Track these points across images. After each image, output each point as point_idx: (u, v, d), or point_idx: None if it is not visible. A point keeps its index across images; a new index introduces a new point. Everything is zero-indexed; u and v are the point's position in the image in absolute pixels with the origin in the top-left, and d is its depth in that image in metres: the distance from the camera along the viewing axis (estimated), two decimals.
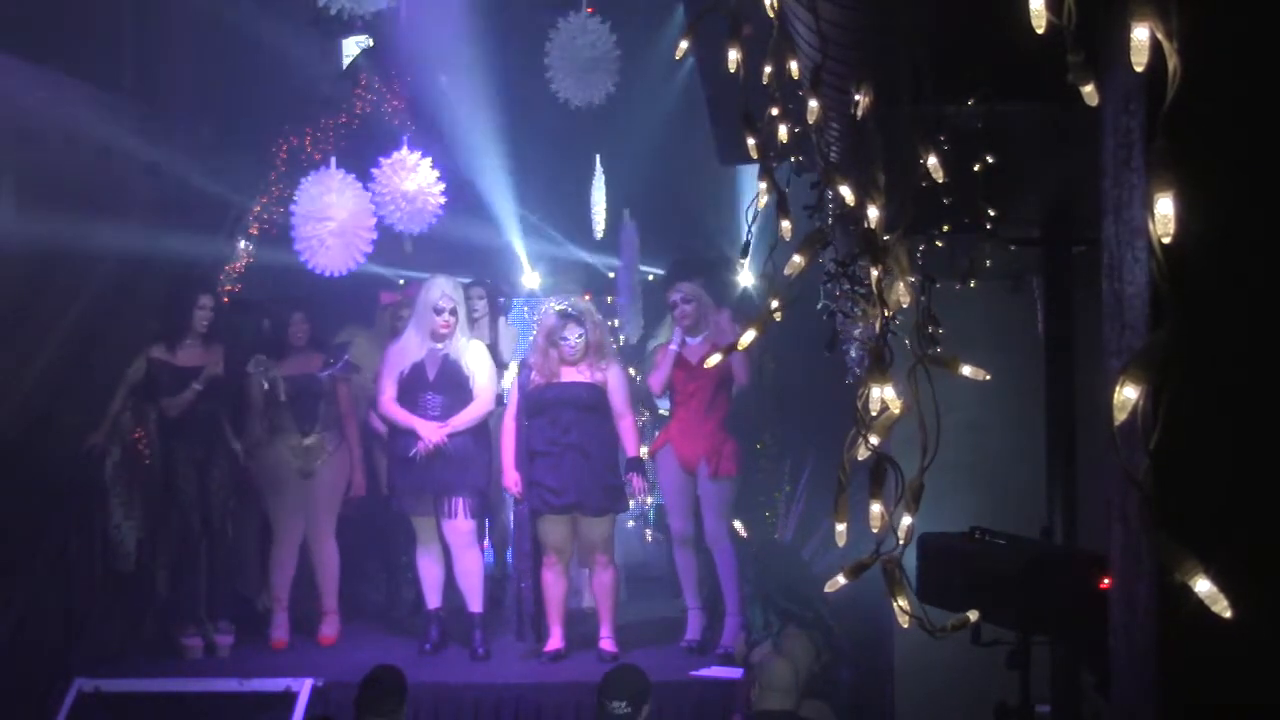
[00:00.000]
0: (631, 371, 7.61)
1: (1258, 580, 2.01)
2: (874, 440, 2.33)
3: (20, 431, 7.29)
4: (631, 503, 7.15)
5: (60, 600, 6.56)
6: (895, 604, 2.35)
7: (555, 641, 6.76)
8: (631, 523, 8.76)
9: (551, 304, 6.91)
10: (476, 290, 7.81)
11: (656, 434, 7.48)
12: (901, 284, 2.42)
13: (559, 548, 6.73)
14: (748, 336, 2.84)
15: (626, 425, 6.71)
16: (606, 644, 6.72)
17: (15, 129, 7.21)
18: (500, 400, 7.15)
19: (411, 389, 6.83)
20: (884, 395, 2.33)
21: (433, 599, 7.04)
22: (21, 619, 6.44)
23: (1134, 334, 2.20)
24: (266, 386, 6.98)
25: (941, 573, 3.49)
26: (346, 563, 7.51)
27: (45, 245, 7.81)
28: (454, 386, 6.82)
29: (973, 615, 2.66)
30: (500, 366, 7.44)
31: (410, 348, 6.89)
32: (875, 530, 2.35)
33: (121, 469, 7.14)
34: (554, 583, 6.77)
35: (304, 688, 6.31)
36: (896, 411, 2.32)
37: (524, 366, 6.91)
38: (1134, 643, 2.29)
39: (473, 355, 6.90)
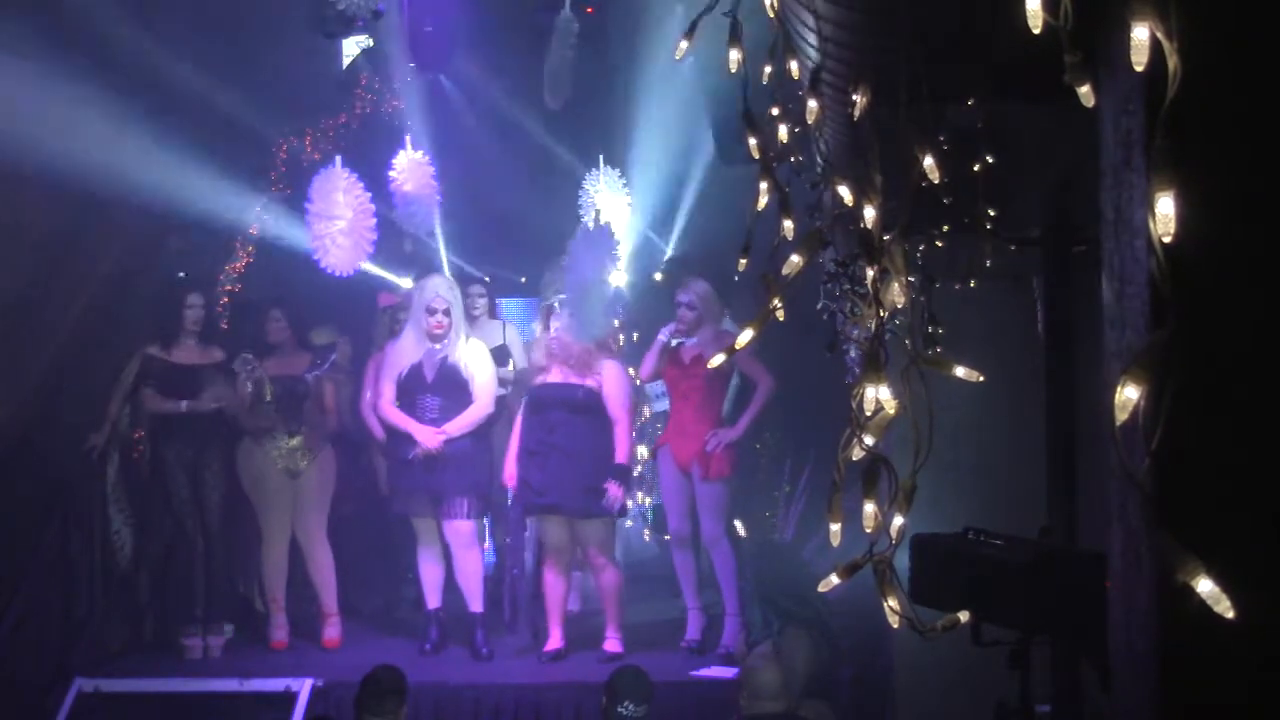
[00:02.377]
0: (631, 372, 7.60)
1: (1259, 580, 2.01)
2: (869, 440, 2.33)
3: (21, 431, 7.29)
4: (630, 504, 7.13)
5: (60, 600, 6.55)
6: (885, 604, 2.35)
7: (554, 641, 6.76)
8: (630, 523, 8.76)
9: (555, 302, 6.88)
10: (476, 288, 7.79)
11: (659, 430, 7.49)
12: (897, 284, 2.42)
13: (557, 548, 6.73)
14: (745, 336, 2.84)
15: (619, 430, 6.64)
16: (611, 644, 6.72)
17: (15, 128, 7.20)
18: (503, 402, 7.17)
19: (409, 391, 6.82)
20: (879, 395, 2.33)
21: (433, 599, 7.03)
22: (21, 619, 6.43)
23: (1134, 334, 2.20)
24: (250, 387, 6.97)
25: (936, 573, 3.48)
26: (346, 563, 7.52)
27: (45, 246, 7.81)
28: (453, 388, 6.79)
29: (963, 616, 2.66)
30: (501, 366, 7.44)
31: (408, 349, 6.87)
32: (868, 530, 2.35)
33: (121, 472, 7.15)
34: (553, 583, 6.77)
35: (304, 688, 6.30)
36: (891, 412, 2.32)
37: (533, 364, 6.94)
38: (1134, 643, 2.29)
39: (473, 357, 6.86)
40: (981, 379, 2.71)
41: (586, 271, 6.40)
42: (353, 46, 9.37)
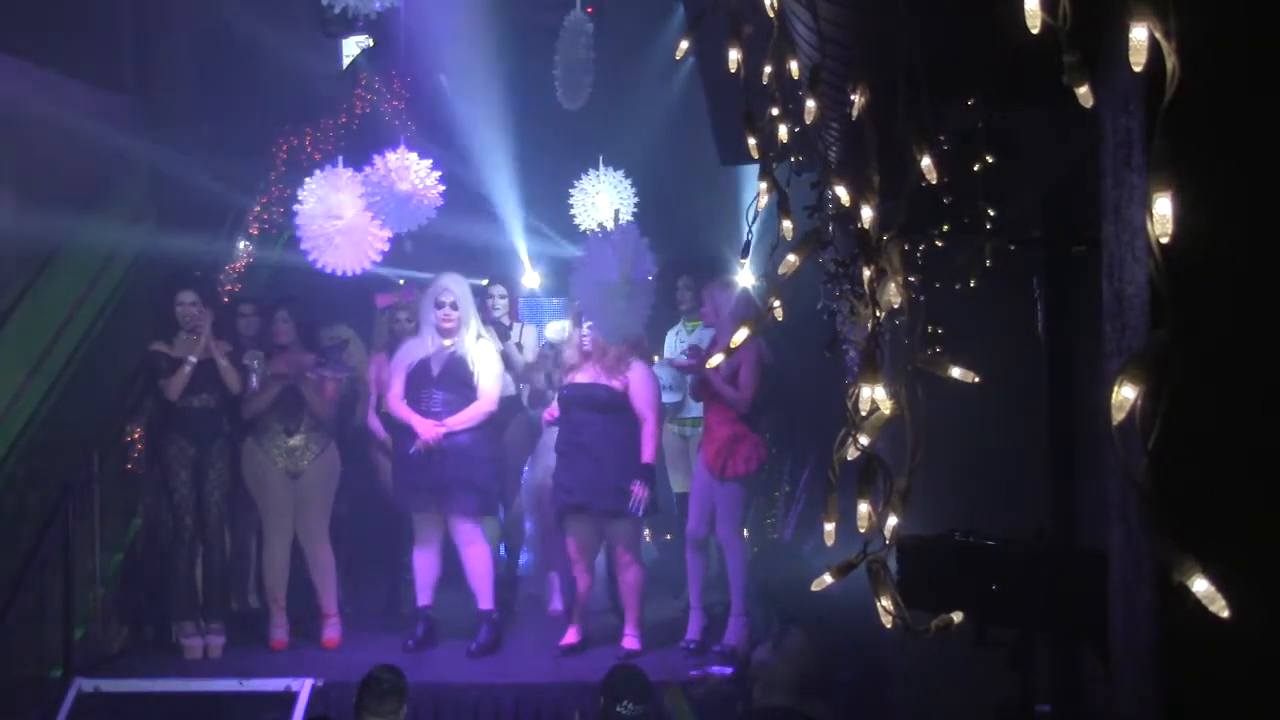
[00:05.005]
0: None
1: (1258, 579, 2.00)
2: (864, 440, 2.33)
3: (22, 431, 7.30)
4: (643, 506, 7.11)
5: (60, 600, 6.55)
6: (879, 604, 2.35)
7: (570, 636, 6.83)
8: None
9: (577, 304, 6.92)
10: (498, 289, 7.82)
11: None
12: (894, 284, 2.42)
13: (582, 545, 6.80)
14: (740, 335, 2.84)
15: (646, 431, 6.67)
16: (630, 641, 6.77)
17: (17, 130, 7.21)
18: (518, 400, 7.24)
19: (416, 385, 6.88)
20: (874, 395, 2.33)
21: (423, 597, 7.05)
22: (22, 619, 6.43)
23: (1134, 334, 2.20)
24: (255, 383, 6.99)
25: (923, 574, 3.48)
26: (346, 563, 7.52)
27: (48, 247, 7.83)
28: (458, 384, 6.84)
29: (956, 616, 2.66)
30: (515, 366, 7.47)
31: (421, 344, 6.96)
32: (862, 530, 2.35)
33: (122, 472, 7.17)
34: (576, 579, 6.85)
35: (304, 688, 6.30)
36: (887, 412, 2.32)
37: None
38: (1134, 643, 2.29)
39: (480, 354, 6.90)
40: (977, 379, 2.70)
41: (606, 273, 6.40)
42: (353, 46, 9.37)
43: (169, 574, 7.07)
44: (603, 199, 8.21)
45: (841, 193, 2.55)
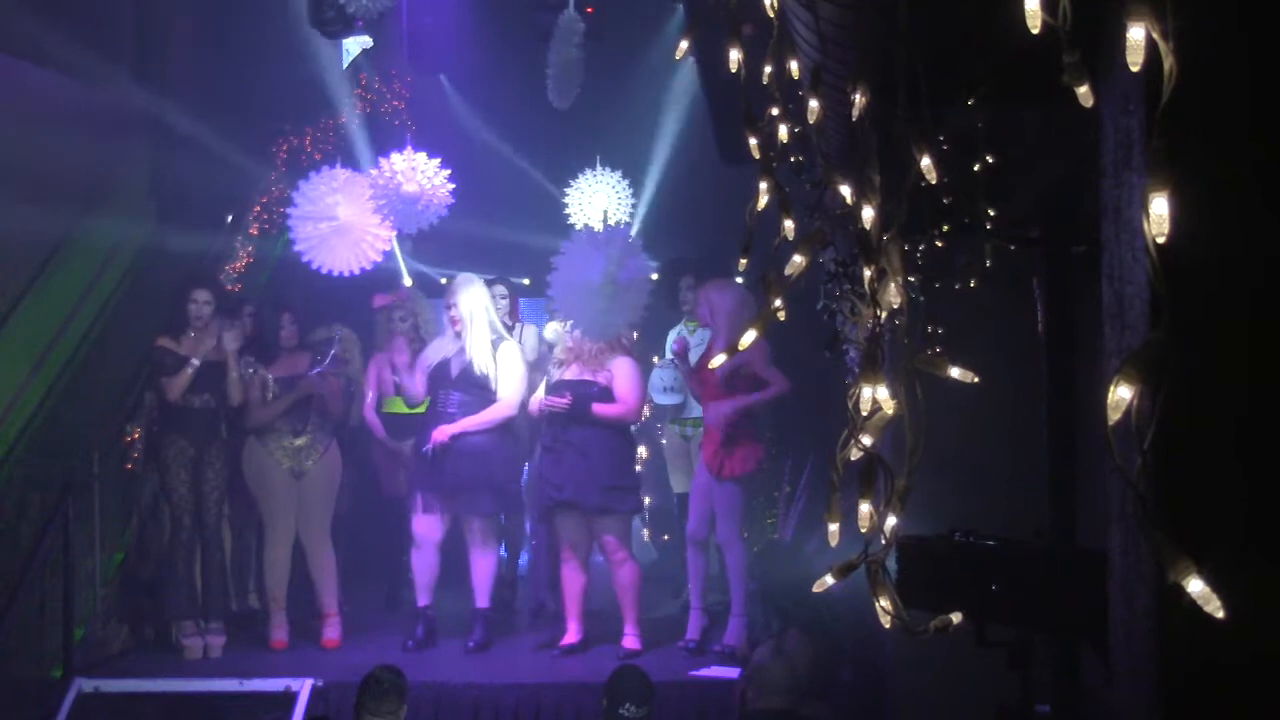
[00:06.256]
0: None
1: (1255, 579, 2.00)
2: (866, 440, 2.33)
3: (22, 431, 7.29)
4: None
5: (60, 600, 6.55)
6: (878, 604, 2.35)
7: (571, 635, 6.82)
8: None
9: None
10: (499, 289, 7.83)
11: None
12: (894, 284, 2.42)
13: (574, 542, 6.79)
14: (748, 336, 2.84)
15: (617, 407, 6.67)
16: (630, 641, 6.76)
17: (19, 127, 7.21)
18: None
19: (435, 385, 6.91)
20: (876, 395, 2.33)
21: (423, 597, 7.06)
22: (21, 619, 6.43)
23: (1133, 334, 2.20)
24: (254, 392, 6.99)
25: (923, 574, 3.48)
26: (346, 562, 7.52)
27: (50, 245, 7.83)
28: (471, 385, 6.85)
29: (956, 616, 2.66)
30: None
31: (443, 345, 7.00)
32: (864, 530, 2.36)
33: (122, 472, 7.16)
34: (571, 577, 6.84)
35: (304, 688, 6.29)
36: (889, 412, 2.32)
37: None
38: (1134, 642, 2.29)
39: (498, 356, 6.90)
40: (976, 380, 2.70)
41: (586, 273, 6.38)
42: (353, 46, 9.36)
43: (168, 574, 7.06)
44: (599, 198, 8.21)
45: (842, 192, 2.55)
